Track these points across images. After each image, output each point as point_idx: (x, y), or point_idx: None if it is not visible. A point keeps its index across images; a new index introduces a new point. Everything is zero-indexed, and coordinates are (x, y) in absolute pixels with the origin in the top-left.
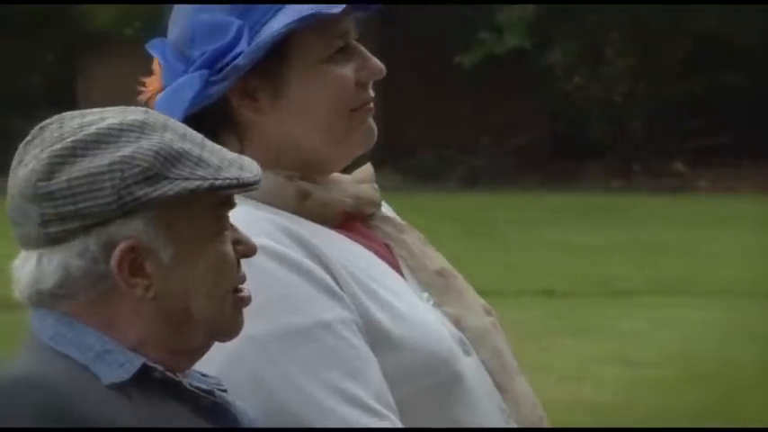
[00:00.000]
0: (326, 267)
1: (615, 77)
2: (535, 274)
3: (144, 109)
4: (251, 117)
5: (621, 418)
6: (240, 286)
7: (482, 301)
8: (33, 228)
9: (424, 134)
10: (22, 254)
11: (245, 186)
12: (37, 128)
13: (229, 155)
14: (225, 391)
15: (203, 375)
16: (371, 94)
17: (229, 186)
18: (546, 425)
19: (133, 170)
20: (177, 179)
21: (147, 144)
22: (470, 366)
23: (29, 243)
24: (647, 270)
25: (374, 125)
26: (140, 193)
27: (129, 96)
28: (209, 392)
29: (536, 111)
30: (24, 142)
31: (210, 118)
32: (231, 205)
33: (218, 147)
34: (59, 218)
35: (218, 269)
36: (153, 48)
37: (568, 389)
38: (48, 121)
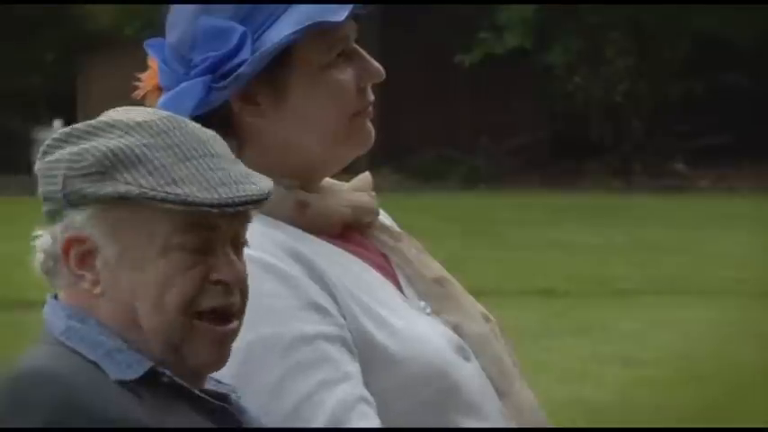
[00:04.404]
0: (324, 284)
1: (615, 77)
2: (535, 274)
3: (166, 115)
4: (252, 121)
5: (621, 418)
6: (228, 314)
7: (480, 307)
8: None
9: (424, 134)
10: None
11: (190, 205)
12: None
13: (221, 175)
14: (239, 397)
15: (219, 382)
16: (371, 97)
17: (165, 200)
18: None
19: (80, 164)
20: (120, 182)
21: (111, 143)
22: (470, 372)
23: None
24: (647, 270)
25: (372, 128)
26: (78, 186)
27: (129, 96)
28: (224, 397)
29: (536, 111)
30: None
31: (211, 123)
32: (207, 227)
33: (214, 166)
34: (43, 197)
35: (164, 284)
36: (151, 48)
37: (568, 389)
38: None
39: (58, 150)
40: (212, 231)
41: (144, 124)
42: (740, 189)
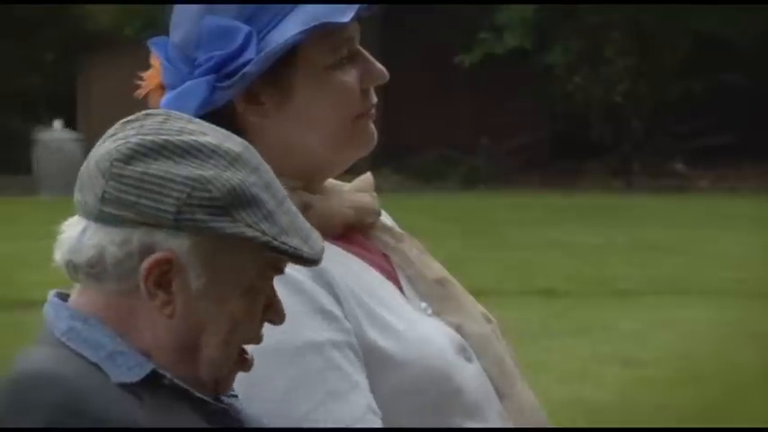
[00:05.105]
0: (329, 286)
1: (615, 77)
2: (535, 274)
3: (246, 144)
4: (255, 121)
5: (621, 418)
6: (247, 348)
7: (481, 308)
8: (92, 199)
9: (424, 134)
10: (74, 218)
11: (298, 259)
12: (142, 113)
13: (302, 223)
14: (235, 396)
15: None
16: (374, 99)
17: (284, 252)
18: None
19: (202, 193)
20: (240, 222)
21: (229, 176)
22: (472, 373)
23: (83, 210)
24: (647, 270)
25: (374, 130)
26: (199, 216)
27: (129, 96)
28: (218, 399)
29: (536, 111)
30: (125, 120)
31: (214, 122)
32: (278, 270)
33: (294, 210)
34: (118, 202)
35: (237, 323)
36: (155, 46)
37: (568, 389)
38: (155, 111)
39: (153, 162)
40: (278, 273)
41: (241, 156)
42: (740, 189)
